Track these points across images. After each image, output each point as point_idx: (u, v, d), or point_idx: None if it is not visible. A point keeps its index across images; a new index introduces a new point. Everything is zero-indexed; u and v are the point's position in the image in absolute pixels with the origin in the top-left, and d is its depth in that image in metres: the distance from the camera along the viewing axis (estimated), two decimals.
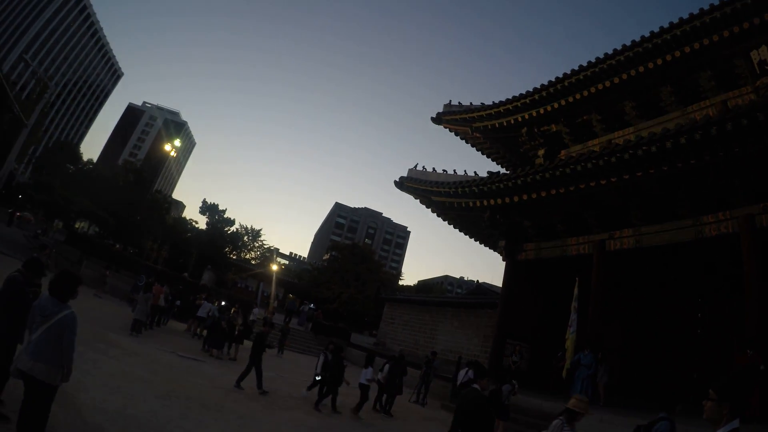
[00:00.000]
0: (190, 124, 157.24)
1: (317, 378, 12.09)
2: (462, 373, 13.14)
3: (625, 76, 15.51)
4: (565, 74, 16.63)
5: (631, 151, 11.91)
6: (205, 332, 17.96)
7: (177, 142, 45.03)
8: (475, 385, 6.07)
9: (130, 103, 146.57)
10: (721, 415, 2.67)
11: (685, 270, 15.74)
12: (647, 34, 14.74)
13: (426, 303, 26.27)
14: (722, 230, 12.22)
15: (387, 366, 13.31)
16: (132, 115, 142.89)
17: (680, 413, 6.63)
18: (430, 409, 15.36)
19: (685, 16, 13.86)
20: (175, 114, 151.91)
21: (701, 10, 13.64)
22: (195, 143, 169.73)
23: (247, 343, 19.62)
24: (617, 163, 12.29)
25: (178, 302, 22.56)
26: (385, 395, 13.25)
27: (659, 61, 14.81)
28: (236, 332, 17.44)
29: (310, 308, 38.36)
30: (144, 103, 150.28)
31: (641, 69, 15.15)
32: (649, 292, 16.64)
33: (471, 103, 20.50)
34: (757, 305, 10.97)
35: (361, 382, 12.24)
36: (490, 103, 19.32)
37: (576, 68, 16.27)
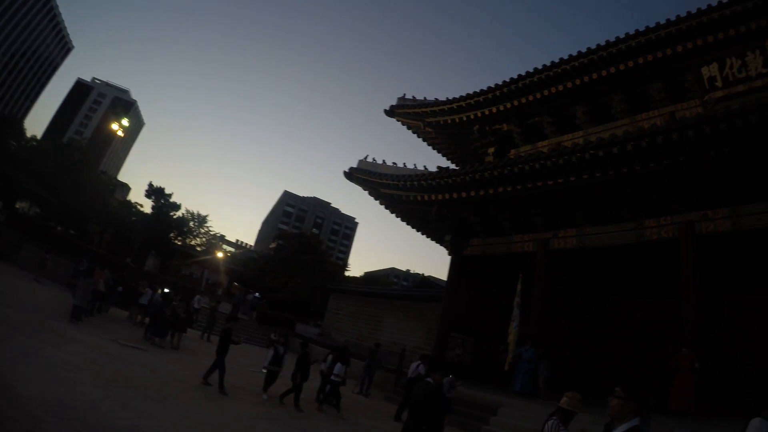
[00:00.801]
0: (139, 104, 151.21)
1: (264, 370, 11.78)
2: (413, 366, 13.22)
3: (578, 82, 16.02)
4: (519, 75, 16.95)
5: (578, 154, 12.28)
6: (147, 320, 17.36)
7: (125, 122, 42.88)
8: (428, 379, 6.38)
9: (78, 78, 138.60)
10: (626, 412, 2.90)
11: (626, 271, 16.50)
12: (603, 43, 15.24)
13: (371, 295, 26.31)
14: (663, 234, 12.84)
15: (330, 357, 13.24)
16: (80, 90, 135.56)
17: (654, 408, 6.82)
18: (374, 400, 15.37)
19: (656, 22, 14.37)
20: (125, 92, 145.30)
21: (657, 23, 14.29)
22: (144, 123, 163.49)
23: (190, 332, 19.30)
24: (565, 165, 12.63)
25: (120, 288, 21.71)
26: (328, 386, 13.09)
27: (612, 70, 15.37)
28: (179, 321, 16.90)
29: (255, 297, 37.69)
30: (93, 79, 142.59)
31: (594, 76, 15.67)
32: (592, 290, 17.34)
33: (425, 98, 20.61)
34: (693, 307, 11.63)
35: (330, 378, 12.10)
36: (444, 99, 19.46)
37: (530, 71, 16.65)
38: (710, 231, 12.27)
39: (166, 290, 21.51)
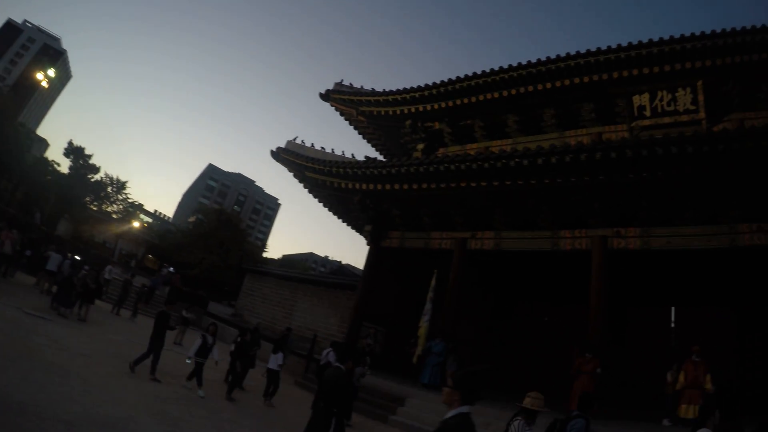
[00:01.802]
0: (70, 55, 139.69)
1: (188, 361, 10.99)
2: (325, 353, 13.20)
3: (514, 92, 16.55)
4: (458, 77, 17.26)
5: (504, 161, 12.68)
6: (54, 288, 16.27)
7: (51, 72, 39.62)
8: (339, 365, 6.61)
9: (9, 19, 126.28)
10: (453, 400, 3.11)
11: (539, 276, 17.36)
12: (543, 59, 15.83)
13: (287, 278, 25.96)
14: (576, 246, 13.60)
15: (240, 338, 12.91)
16: (9, 31, 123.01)
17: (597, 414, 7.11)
18: (284, 384, 15.11)
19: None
20: (56, 40, 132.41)
21: (598, 48, 15.06)
22: (71, 77, 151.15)
23: (99, 304, 18.31)
24: (489, 169, 13.02)
25: (28, 252, 20.21)
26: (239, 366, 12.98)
27: (548, 86, 16.01)
28: (88, 291, 15.88)
29: (169, 271, 36.18)
30: (25, 21, 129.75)
31: (530, 89, 16.28)
32: (505, 291, 18.04)
33: (362, 87, 20.53)
34: (598, 316, 12.43)
35: (270, 368, 11.59)
36: (380, 91, 19.49)
37: (467, 75, 17.04)
38: (621, 247, 13.15)
39: (76, 257, 20.25)
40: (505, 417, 10.52)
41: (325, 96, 20.92)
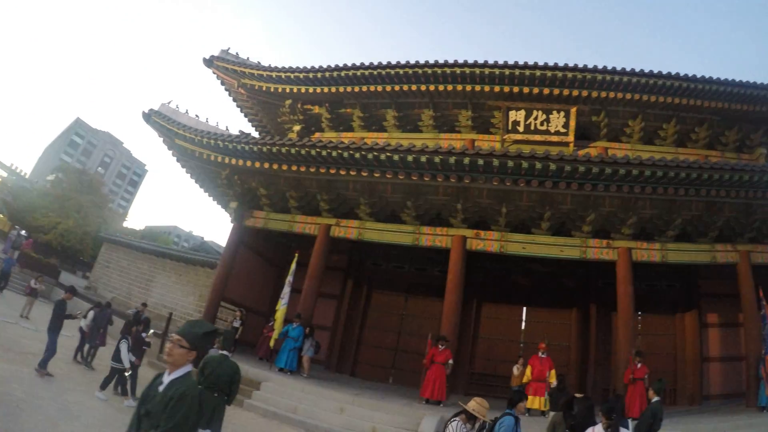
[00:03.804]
0: None
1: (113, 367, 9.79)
2: None
3: (397, 88, 16.97)
4: (342, 65, 17.23)
5: (375, 153, 12.77)
6: None
7: None
8: (224, 352, 6.87)
9: None
10: (185, 360, 3.13)
11: (403, 268, 18.08)
12: (423, 62, 16.35)
13: (147, 251, 24.33)
14: (437, 243, 14.24)
15: (91, 313, 12.12)
16: None
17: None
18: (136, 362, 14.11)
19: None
20: None
21: (485, 61, 15.88)
22: None
23: None
24: (361, 159, 13.05)
25: None
26: (87, 345, 12.01)
27: (432, 88, 16.64)
28: None
29: (20, 234, 32.32)
30: None
31: (413, 88, 16.78)
32: (366, 280, 18.26)
33: (248, 58, 19.71)
34: (452, 310, 13.19)
35: (115, 366, 10.23)
36: (265, 65, 18.85)
37: (350, 64, 17.14)
38: (479, 248, 14.04)
39: None
40: (359, 403, 10.90)
41: (209, 62, 19.74)
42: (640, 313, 16.47)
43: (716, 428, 10.73)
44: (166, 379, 3.11)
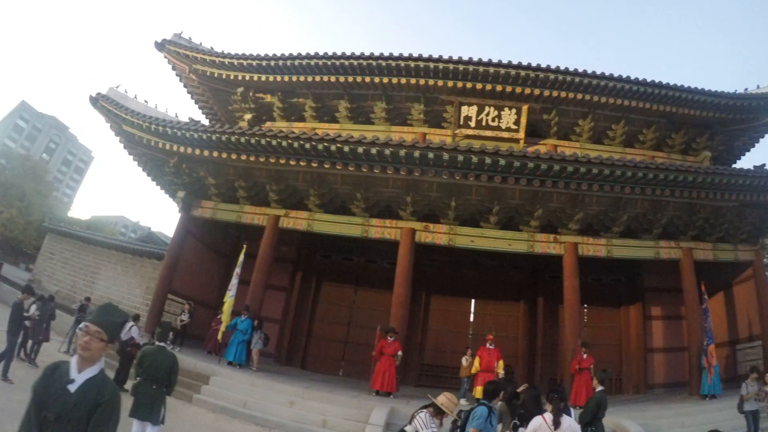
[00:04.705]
0: None
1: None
2: (127, 327, 12.02)
3: (351, 80, 16.94)
4: (294, 54, 17.03)
5: (326, 144, 12.67)
6: None
7: None
8: (161, 343, 6.71)
9: None
10: (101, 355, 2.78)
11: (352, 260, 18.12)
12: (377, 54, 16.32)
13: (91, 241, 23.41)
14: (386, 235, 14.29)
15: (33, 307, 11.61)
16: None
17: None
18: None
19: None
20: None
21: (440, 56, 15.94)
22: None
23: None
24: (311, 150, 12.92)
25: None
26: (30, 341, 11.55)
27: (385, 81, 16.62)
28: None
29: None
30: None
31: (367, 80, 16.72)
32: (315, 271, 18.16)
33: (201, 43, 19.17)
34: (401, 302, 13.32)
35: None
36: (218, 51, 18.34)
37: (302, 53, 16.94)
38: (429, 241, 14.19)
39: None
40: (309, 396, 10.85)
41: (161, 46, 19.08)
42: (586, 305, 16.94)
43: (661, 415, 11.24)
44: (77, 377, 2.68)
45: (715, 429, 7.34)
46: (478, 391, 11.76)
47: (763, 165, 13.43)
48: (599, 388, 7.84)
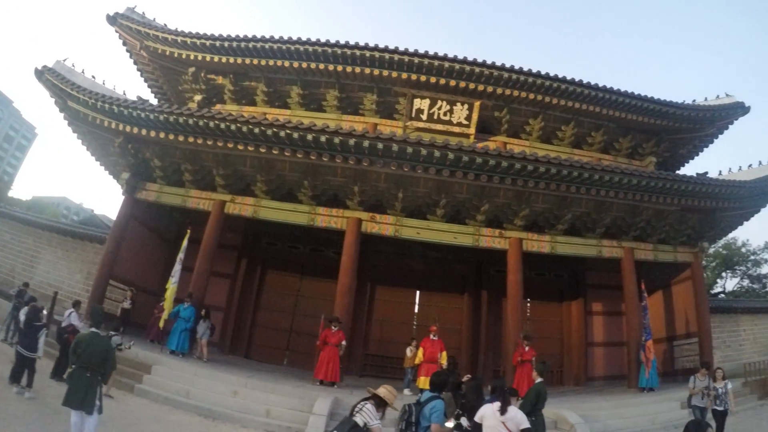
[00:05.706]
0: None
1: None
2: (67, 313, 11.59)
3: (305, 65, 16.85)
4: (245, 36, 16.81)
5: (275, 129, 12.52)
6: None
7: None
8: (94, 330, 6.52)
9: None
10: None
11: (298, 248, 18.01)
12: (331, 41, 16.27)
13: (31, 223, 22.45)
14: (333, 224, 14.30)
15: None
16: None
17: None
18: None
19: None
20: None
21: (396, 48, 16.08)
22: None
23: None
24: (260, 135, 12.74)
25: None
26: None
27: (339, 69, 16.60)
28: None
29: None
30: None
31: (321, 67, 16.71)
32: (261, 259, 18.06)
33: (154, 19, 18.57)
34: (346, 292, 13.43)
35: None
36: (171, 29, 17.79)
37: (254, 36, 16.69)
38: (375, 231, 14.30)
39: None
40: (253, 385, 10.68)
41: (113, 19, 18.30)
42: (529, 299, 17.44)
43: (600, 406, 11.67)
44: None
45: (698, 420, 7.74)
46: (422, 382, 11.91)
47: (706, 173, 14.16)
48: (539, 379, 8.03)
